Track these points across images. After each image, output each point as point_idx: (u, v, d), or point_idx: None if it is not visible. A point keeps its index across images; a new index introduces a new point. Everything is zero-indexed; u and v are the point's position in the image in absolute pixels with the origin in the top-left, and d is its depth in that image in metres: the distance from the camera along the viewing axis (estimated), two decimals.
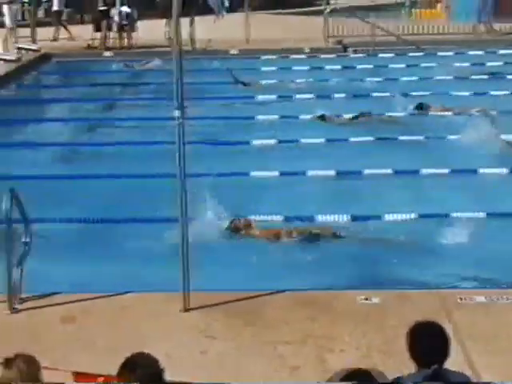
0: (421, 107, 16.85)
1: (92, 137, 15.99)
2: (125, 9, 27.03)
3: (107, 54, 25.92)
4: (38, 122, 17.13)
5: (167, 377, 4.62)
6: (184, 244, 7.76)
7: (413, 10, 32.86)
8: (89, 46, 26.74)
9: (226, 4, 25.73)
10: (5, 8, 28.03)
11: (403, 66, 22.51)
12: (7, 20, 27.62)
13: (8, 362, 4.15)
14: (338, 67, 22.52)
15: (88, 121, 17.25)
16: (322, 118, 16.22)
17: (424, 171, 12.70)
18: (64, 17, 29.89)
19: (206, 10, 24.51)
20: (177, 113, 7.65)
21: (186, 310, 7.78)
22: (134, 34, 26.70)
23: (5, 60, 23.20)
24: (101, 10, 27.42)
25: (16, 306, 7.90)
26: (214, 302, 7.91)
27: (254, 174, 12.75)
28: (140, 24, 27.14)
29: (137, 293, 8.24)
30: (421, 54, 24.52)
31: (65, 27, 28.69)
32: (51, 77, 24.03)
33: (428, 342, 4.96)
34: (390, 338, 7.03)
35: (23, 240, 8.18)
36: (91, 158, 14.32)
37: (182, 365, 6.54)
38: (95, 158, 14.25)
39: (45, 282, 8.54)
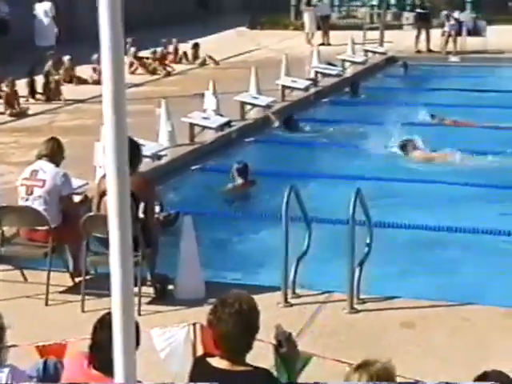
0: None
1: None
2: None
3: (453, 59, 25.74)
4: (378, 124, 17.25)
5: None
6: None
7: None
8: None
9: None
10: (305, 14, 29.28)
11: None
12: (307, 26, 28.87)
13: None
14: None
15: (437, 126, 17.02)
16: None
17: None
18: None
19: None
20: None
21: None
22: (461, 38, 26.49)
23: (352, 62, 23.78)
24: (419, 13, 27.67)
25: (355, 306, 7.95)
26: None
27: None
28: (489, 28, 26.68)
29: (478, 305, 7.98)
30: None
31: (325, 33, 29.26)
32: (395, 80, 24.20)
33: None
34: None
35: (367, 241, 8.24)
36: None
37: None
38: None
39: (384, 285, 8.56)
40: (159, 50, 23.81)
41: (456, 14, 27.55)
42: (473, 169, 13.49)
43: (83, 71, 21.08)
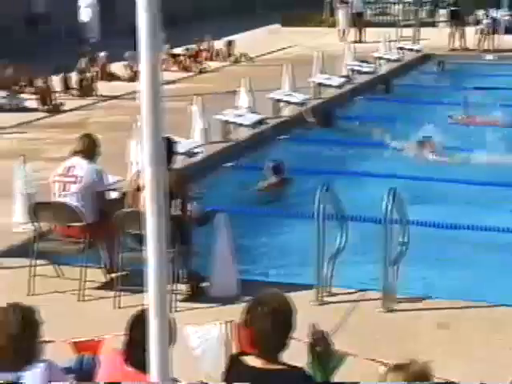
0: None
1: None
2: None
3: (489, 57, 25.57)
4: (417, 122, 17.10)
5: None
6: None
7: None
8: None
9: None
10: (339, 12, 29.39)
11: None
12: (341, 23, 28.94)
13: None
14: None
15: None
16: None
17: None
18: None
19: None
20: None
21: None
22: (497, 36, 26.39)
23: (387, 59, 23.65)
24: (452, 10, 27.62)
25: (391, 306, 7.88)
26: None
27: None
28: None
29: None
30: None
31: (360, 30, 29.11)
32: (430, 76, 24.05)
33: None
34: None
35: (400, 240, 8.17)
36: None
37: None
38: None
39: (420, 284, 8.51)
40: (193, 46, 23.83)
41: (492, 12, 27.36)
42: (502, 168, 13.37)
43: (117, 68, 21.15)
